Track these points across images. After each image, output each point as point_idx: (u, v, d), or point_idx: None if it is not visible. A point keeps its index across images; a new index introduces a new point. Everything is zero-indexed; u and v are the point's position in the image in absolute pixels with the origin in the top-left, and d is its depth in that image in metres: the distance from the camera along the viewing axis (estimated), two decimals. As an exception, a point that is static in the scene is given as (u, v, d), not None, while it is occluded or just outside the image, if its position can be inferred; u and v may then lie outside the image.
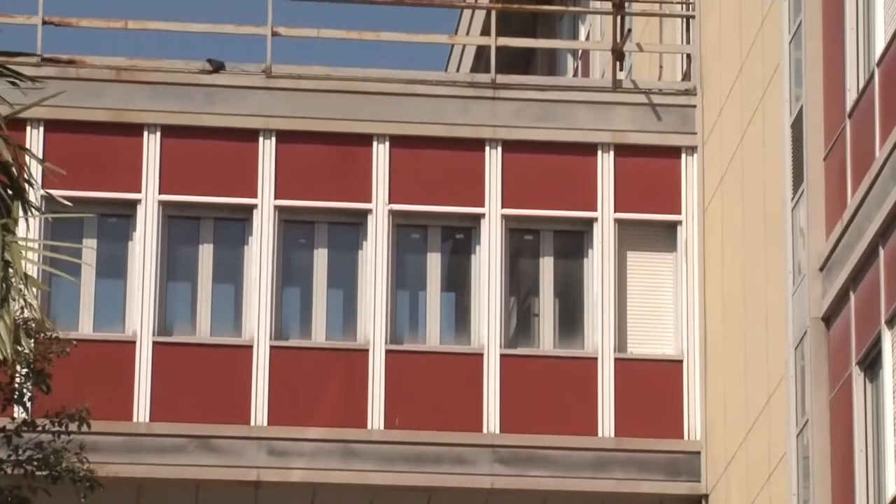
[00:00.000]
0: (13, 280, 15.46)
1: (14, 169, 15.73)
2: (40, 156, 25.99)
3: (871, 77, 23.48)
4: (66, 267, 18.77)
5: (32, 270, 16.65)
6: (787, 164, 25.78)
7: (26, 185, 15.99)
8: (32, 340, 17.33)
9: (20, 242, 15.76)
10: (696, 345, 28.12)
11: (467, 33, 36.94)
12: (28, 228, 16.74)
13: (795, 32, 25.76)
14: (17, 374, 19.92)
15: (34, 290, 15.89)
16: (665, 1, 31.02)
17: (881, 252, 22.79)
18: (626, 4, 30.13)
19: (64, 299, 25.48)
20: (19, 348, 16.35)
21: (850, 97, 24.07)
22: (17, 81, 16.13)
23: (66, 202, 18.46)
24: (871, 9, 23.78)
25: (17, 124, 17.95)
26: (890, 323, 22.58)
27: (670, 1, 30.93)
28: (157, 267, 27.89)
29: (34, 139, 27.23)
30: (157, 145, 27.98)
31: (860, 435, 23.38)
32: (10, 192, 15.61)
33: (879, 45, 23.33)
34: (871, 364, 23.25)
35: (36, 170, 17.98)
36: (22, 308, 15.95)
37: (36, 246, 16.88)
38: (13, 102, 16.18)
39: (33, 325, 17.23)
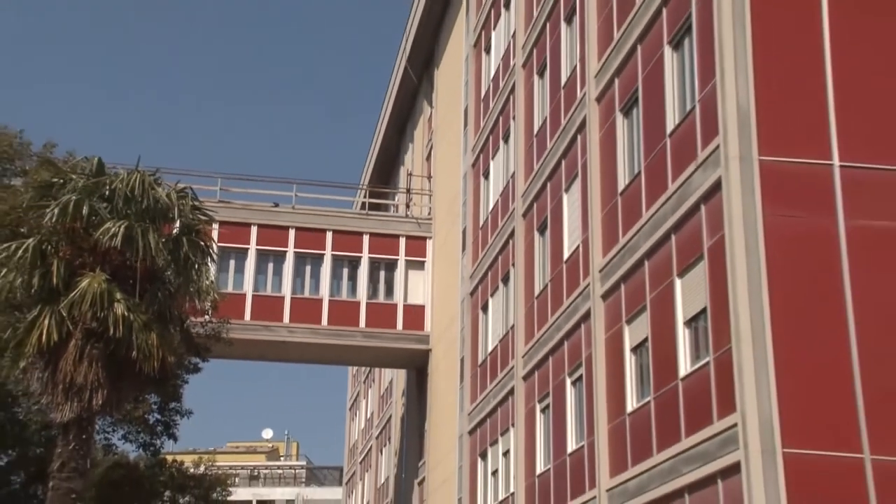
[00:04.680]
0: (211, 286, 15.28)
1: (205, 245, 15.27)
2: (216, 234, 25.11)
3: (487, 218, 23.28)
4: (224, 268, 18.28)
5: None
6: (459, 245, 25.35)
7: (211, 250, 15.61)
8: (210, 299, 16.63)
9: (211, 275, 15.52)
10: (430, 299, 26.98)
11: (359, 196, 36.25)
12: (208, 266, 16.17)
13: (464, 202, 25.39)
14: (207, 308, 19.20)
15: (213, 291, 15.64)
16: (424, 188, 30.56)
17: (489, 273, 22.56)
18: (410, 189, 29.74)
19: (222, 283, 24.78)
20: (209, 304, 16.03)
21: (481, 222, 23.79)
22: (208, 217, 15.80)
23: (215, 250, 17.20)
24: (487, 193, 23.56)
25: (208, 223, 17.37)
26: (493, 295, 22.35)
27: (425, 188, 30.47)
28: (253, 271, 26.32)
29: (215, 227, 26.31)
30: (255, 231, 26.48)
31: (482, 324, 22.93)
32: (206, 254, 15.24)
33: (492, 200, 22.97)
34: (485, 307, 22.90)
35: (213, 238, 17.48)
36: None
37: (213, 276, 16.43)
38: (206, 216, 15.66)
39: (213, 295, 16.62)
